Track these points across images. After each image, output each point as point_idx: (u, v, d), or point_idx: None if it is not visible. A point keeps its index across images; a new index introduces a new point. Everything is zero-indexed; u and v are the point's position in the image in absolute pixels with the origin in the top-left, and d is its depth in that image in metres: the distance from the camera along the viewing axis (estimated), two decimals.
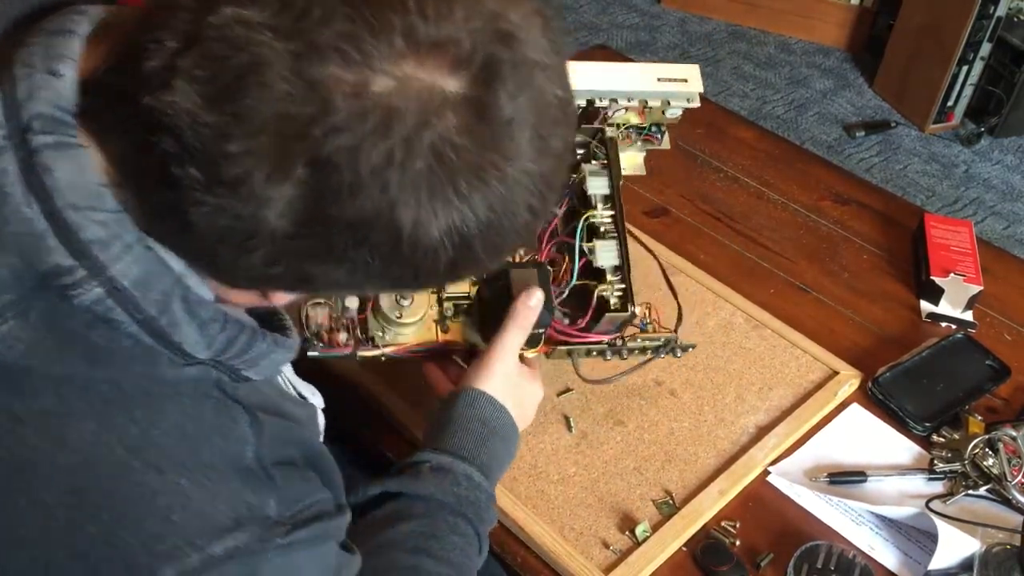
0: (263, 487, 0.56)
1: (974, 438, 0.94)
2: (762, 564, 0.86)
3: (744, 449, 0.95)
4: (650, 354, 0.94)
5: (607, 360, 0.92)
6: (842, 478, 0.93)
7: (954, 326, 1.12)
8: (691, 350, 0.96)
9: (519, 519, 0.87)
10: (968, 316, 1.13)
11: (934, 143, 2.86)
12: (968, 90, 2.83)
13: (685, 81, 0.95)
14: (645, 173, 1.04)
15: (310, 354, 0.84)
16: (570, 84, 0.56)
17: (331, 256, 0.50)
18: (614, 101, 0.92)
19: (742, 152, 1.39)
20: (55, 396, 0.52)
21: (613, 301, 0.90)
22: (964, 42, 2.70)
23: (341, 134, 0.46)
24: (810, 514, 0.90)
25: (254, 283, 0.55)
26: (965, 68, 2.77)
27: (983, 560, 0.84)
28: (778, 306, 1.12)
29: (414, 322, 0.86)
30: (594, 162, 0.95)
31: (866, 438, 0.98)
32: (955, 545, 0.85)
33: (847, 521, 0.90)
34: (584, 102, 0.91)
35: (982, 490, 0.92)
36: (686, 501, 0.89)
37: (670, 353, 0.94)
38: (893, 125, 2.89)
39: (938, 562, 0.84)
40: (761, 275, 1.18)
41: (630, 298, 0.92)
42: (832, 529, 0.89)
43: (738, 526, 0.88)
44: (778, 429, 0.96)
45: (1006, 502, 0.91)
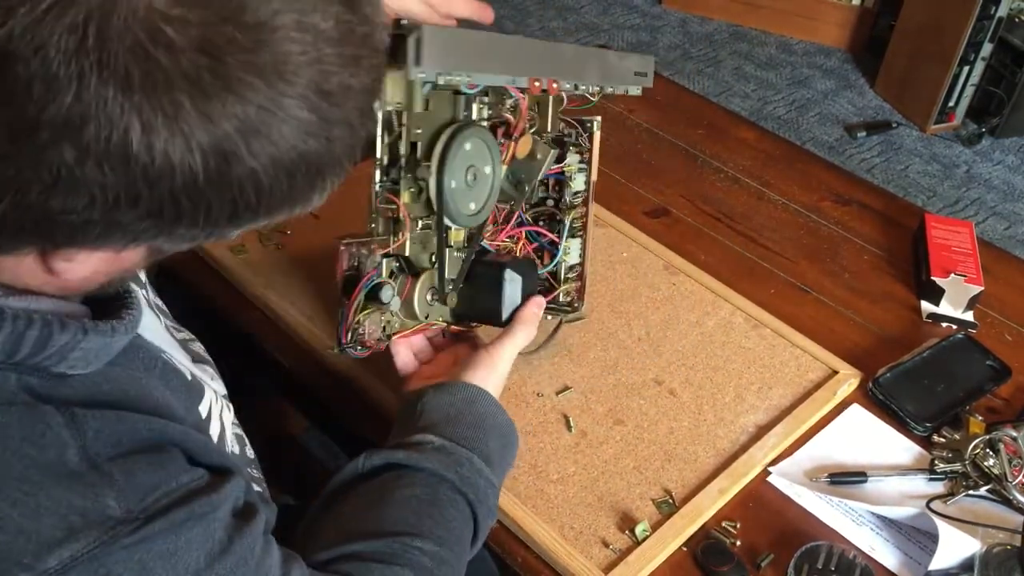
0: (96, 487, 0.51)
1: (975, 438, 0.94)
2: (762, 564, 0.85)
3: (744, 448, 0.94)
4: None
5: None
6: (842, 478, 0.93)
7: (955, 326, 1.12)
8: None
9: (519, 518, 0.86)
10: (969, 316, 1.13)
11: (935, 143, 2.86)
12: (969, 90, 2.83)
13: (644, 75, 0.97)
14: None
15: (352, 354, 0.85)
16: None
17: (54, 178, 0.42)
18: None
19: (743, 152, 1.39)
20: None
21: (562, 297, 0.98)
22: (965, 42, 2.70)
23: (16, 13, 0.39)
24: (810, 514, 0.90)
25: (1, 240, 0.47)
26: (966, 69, 2.77)
27: (983, 560, 0.83)
28: (778, 306, 1.12)
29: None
30: (577, 156, 0.96)
31: (866, 438, 0.98)
32: (955, 545, 0.84)
33: (847, 521, 0.90)
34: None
35: (983, 490, 0.91)
36: (686, 500, 0.89)
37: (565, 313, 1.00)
38: (894, 125, 2.89)
39: (938, 562, 0.84)
40: (761, 275, 1.18)
41: (581, 296, 1.00)
42: (832, 529, 0.89)
43: (738, 526, 0.88)
44: (778, 428, 0.96)
45: (1007, 502, 0.90)
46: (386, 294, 0.81)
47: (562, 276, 0.99)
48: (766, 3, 3.28)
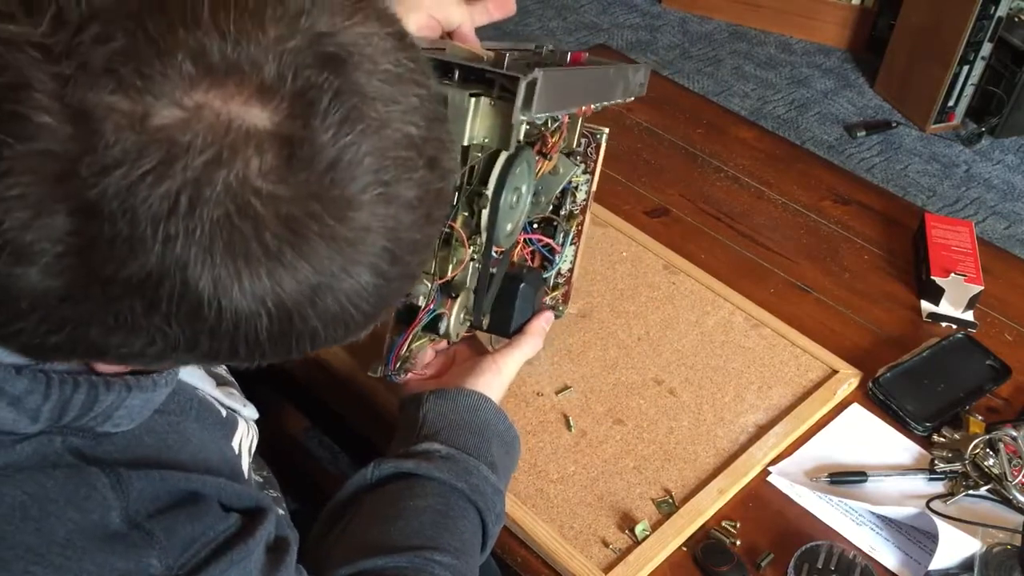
0: (139, 548, 0.51)
1: (975, 438, 0.94)
2: (762, 564, 0.85)
3: (743, 448, 0.94)
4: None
5: None
6: (842, 478, 0.93)
7: (955, 326, 1.12)
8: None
9: (519, 518, 0.86)
10: (969, 316, 1.13)
11: (935, 143, 2.86)
12: (969, 90, 2.83)
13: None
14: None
15: (395, 380, 0.85)
16: (436, 119, 0.47)
17: (118, 323, 0.43)
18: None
19: (743, 152, 1.39)
20: None
21: (548, 302, 0.99)
22: (965, 42, 2.70)
23: (112, 174, 0.38)
24: (810, 514, 0.90)
25: (39, 353, 0.47)
26: (966, 68, 2.77)
27: (984, 560, 0.83)
28: (778, 306, 1.11)
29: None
30: (583, 165, 0.96)
31: (866, 438, 0.98)
32: (956, 545, 0.84)
33: (848, 521, 0.90)
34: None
35: (983, 490, 0.91)
36: (686, 500, 0.89)
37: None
38: (894, 125, 2.89)
39: (939, 562, 0.84)
40: (761, 275, 1.18)
41: (566, 300, 1.02)
42: (832, 529, 0.89)
43: (738, 526, 0.88)
44: (777, 428, 0.96)
45: (1007, 502, 0.90)
46: (444, 325, 0.81)
47: (552, 282, 0.99)
48: (766, 3, 3.28)
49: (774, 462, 0.94)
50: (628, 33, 3.28)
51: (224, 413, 0.67)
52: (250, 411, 0.72)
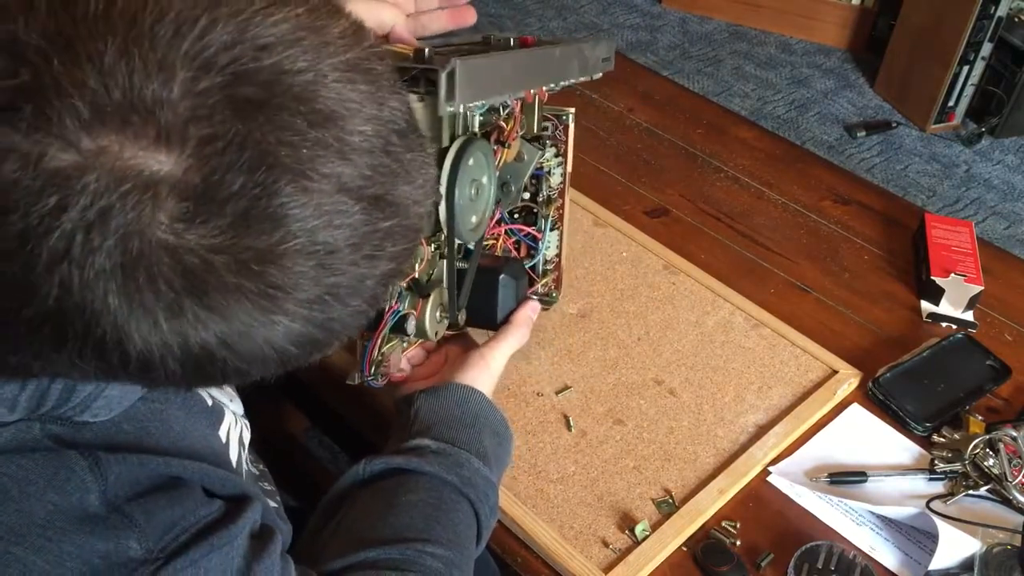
0: (118, 530, 0.52)
1: (974, 438, 0.94)
2: (762, 564, 0.85)
3: (744, 448, 0.94)
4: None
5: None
6: (842, 478, 0.92)
7: (955, 326, 1.12)
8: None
9: (518, 518, 0.86)
10: (969, 316, 1.13)
11: (935, 143, 2.86)
12: (969, 90, 2.83)
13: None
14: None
15: (373, 385, 0.84)
16: (386, 150, 0.44)
17: (37, 355, 0.43)
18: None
19: (743, 152, 1.39)
20: None
21: (540, 289, 0.99)
22: (965, 42, 2.70)
23: (8, 216, 0.38)
24: (810, 514, 0.90)
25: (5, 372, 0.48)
26: (966, 68, 2.77)
27: (984, 560, 0.83)
28: (778, 306, 1.11)
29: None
30: (553, 149, 0.96)
31: (866, 438, 0.98)
32: (956, 545, 0.84)
33: (848, 521, 0.90)
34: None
35: (983, 490, 0.91)
36: (686, 500, 0.89)
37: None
38: (894, 125, 2.89)
39: (939, 562, 0.84)
40: (761, 275, 1.18)
41: (559, 286, 1.02)
42: (832, 529, 0.89)
43: (738, 526, 0.88)
44: (777, 428, 0.96)
45: (1007, 502, 0.90)
46: (411, 325, 0.80)
47: (540, 269, 0.99)
48: (766, 3, 3.28)
49: (774, 462, 0.94)
50: (628, 33, 3.28)
51: (210, 402, 0.67)
52: (236, 406, 0.72)
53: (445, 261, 0.82)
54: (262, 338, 0.44)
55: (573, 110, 0.95)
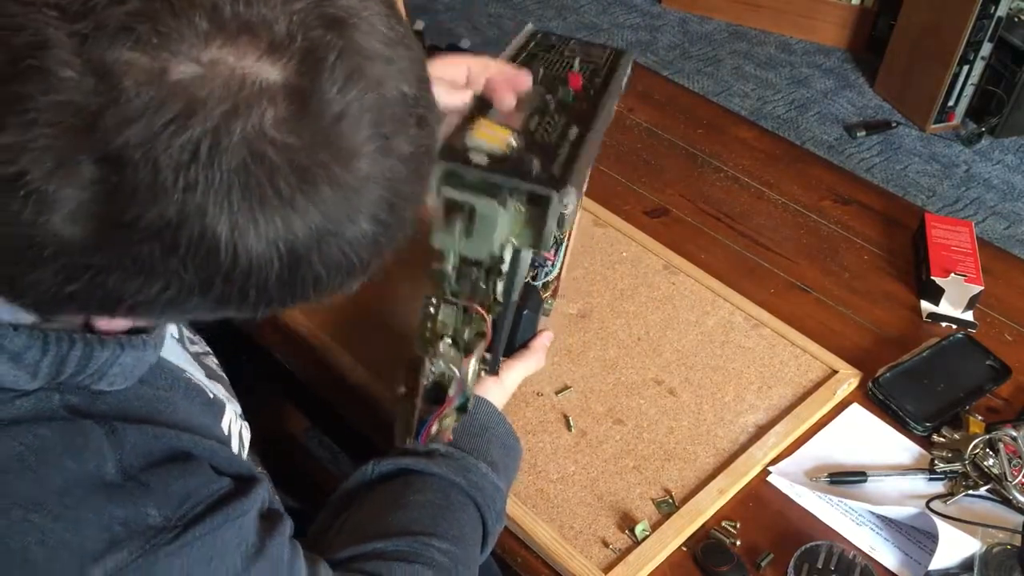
0: (136, 497, 0.53)
1: (974, 438, 0.94)
2: (762, 564, 0.85)
3: (743, 448, 0.94)
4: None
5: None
6: (842, 478, 0.92)
7: (954, 326, 1.12)
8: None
9: (518, 518, 0.86)
10: (968, 316, 1.13)
11: (935, 143, 2.86)
12: (969, 90, 2.83)
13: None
14: None
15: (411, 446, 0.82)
16: (424, 81, 0.51)
17: (137, 268, 0.44)
18: None
19: (742, 152, 1.39)
20: None
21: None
22: (965, 42, 2.70)
23: (134, 125, 0.41)
24: (810, 514, 0.90)
25: (53, 305, 0.47)
26: (966, 68, 2.78)
27: (983, 560, 0.83)
28: (778, 306, 1.11)
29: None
30: None
31: (866, 438, 0.98)
32: (955, 545, 0.84)
33: (847, 521, 0.90)
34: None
35: (982, 490, 0.91)
36: (685, 500, 0.89)
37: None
38: (894, 125, 2.89)
39: (938, 562, 0.84)
40: (761, 275, 1.18)
41: (555, 295, 1.00)
42: (832, 529, 0.89)
43: (738, 526, 0.88)
44: (777, 428, 0.96)
45: (1006, 502, 0.90)
46: (471, 402, 0.79)
47: (540, 283, 0.98)
48: (766, 3, 3.28)
49: (774, 462, 0.94)
50: (628, 33, 3.28)
51: (212, 395, 0.68)
52: (235, 406, 0.73)
53: (495, 321, 0.80)
54: (345, 239, 0.48)
55: None
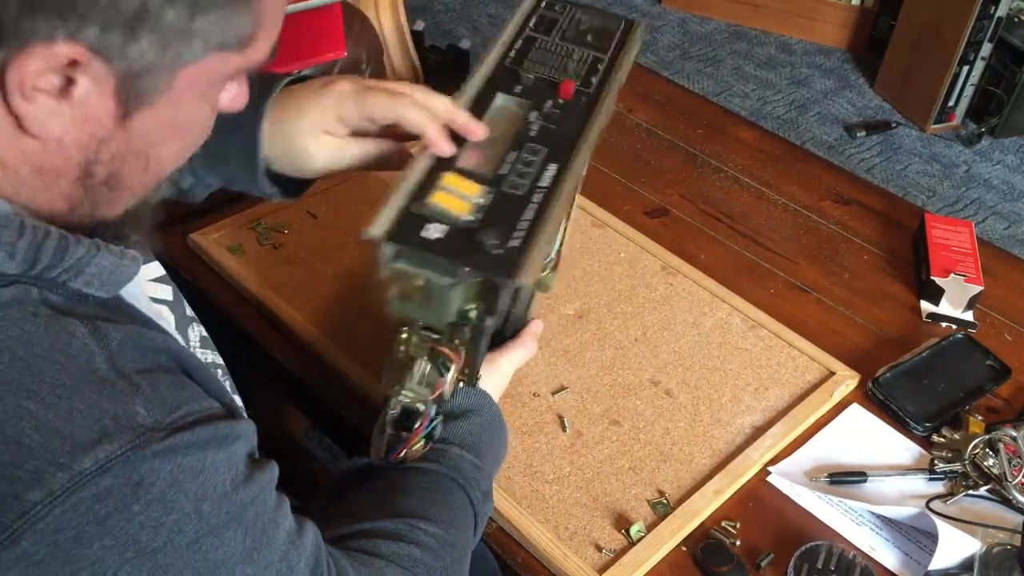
0: (125, 395, 0.53)
1: (974, 438, 0.94)
2: (762, 564, 0.85)
3: (740, 449, 0.94)
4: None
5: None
6: (842, 478, 0.92)
7: (954, 326, 1.11)
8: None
9: (513, 519, 0.86)
10: (968, 316, 1.12)
11: (935, 143, 2.85)
12: (969, 90, 2.83)
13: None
14: None
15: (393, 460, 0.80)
16: None
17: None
18: None
19: (742, 152, 1.38)
20: None
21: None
22: (965, 42, 2.70)
23: None
24: (810, 514, 0.90)
25: (11, 29, 0.49)
26: (966, 68, 2.77)
27: (983, 560, 0.83)
28: (778, 306, 1.11)
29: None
30: None
31: (866, 438, 0.97)
32: (955, 545, 0.84)
33: (847, 521, 0.89)
34: None
35: (982, 490, 0.91)
36: (681, 501, 0.89)
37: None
38: (894, 125, 2.89)
39: (938, 562, 0.84)
40: (761, 275, 1.17)
41: (555, 268, 0.95)
42: (832, 529, 0.89)
43: (738, 526, 0.88)
44: (774, 429, 0.96)
45: (1006, 502, 0.90)
46: (438, 430, 0.78)
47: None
48: (766, 3, 3.28)
49: (771, 463, 0.94)
50: None
51: (206, 360, 0.68)
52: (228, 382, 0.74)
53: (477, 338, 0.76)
54: None
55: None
